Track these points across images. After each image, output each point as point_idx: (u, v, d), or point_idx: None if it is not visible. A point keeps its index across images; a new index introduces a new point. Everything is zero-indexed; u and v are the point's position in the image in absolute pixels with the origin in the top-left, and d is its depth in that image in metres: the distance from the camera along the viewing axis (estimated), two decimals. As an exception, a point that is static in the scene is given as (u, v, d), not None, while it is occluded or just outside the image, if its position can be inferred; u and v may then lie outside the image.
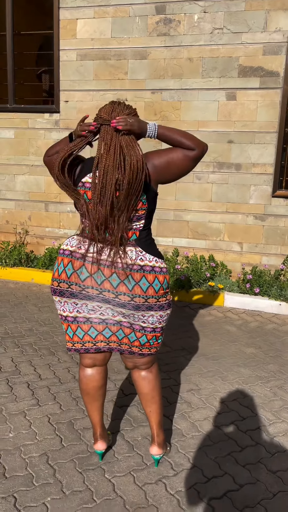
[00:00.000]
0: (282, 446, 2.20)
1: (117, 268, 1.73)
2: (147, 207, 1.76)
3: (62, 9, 4.73)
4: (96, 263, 1.74)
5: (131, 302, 1.74)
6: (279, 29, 4.23)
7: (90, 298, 1.78)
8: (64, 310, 1.84)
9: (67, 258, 1.79)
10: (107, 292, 1.74)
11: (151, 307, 1.76)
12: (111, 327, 1.83)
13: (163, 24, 4.49)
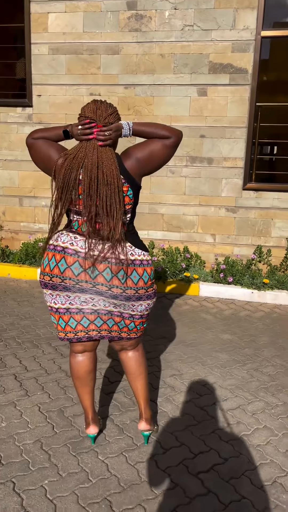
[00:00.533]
0: (261, 422, 2.36)
1: (110, 263, 1.82)
2: (133, 202, 1.87)
3: (32, 3, 4.70)
4: (90, 258, 1.81)
5: (123, 294, 1.85)
6: (247, 27, 4.39)
7: (83, 291, 1.86)
8: (55, 302, 1.91)
9: (59, 254, 1.84)
10: (100, 285, 1.84)
11: (140, 297, 1.90)
12: (102, 317, 1.91)
13: (135, 20, 4.56)
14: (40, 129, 1.89)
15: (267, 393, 2.66)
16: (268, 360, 3.12)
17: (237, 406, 2.50)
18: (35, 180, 5.13)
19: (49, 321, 3.65)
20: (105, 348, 3.18)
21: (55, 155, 1.84)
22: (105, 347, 3.20)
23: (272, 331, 3.65)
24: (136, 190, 1.86)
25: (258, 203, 4.74)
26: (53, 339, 3.30)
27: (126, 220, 1.88)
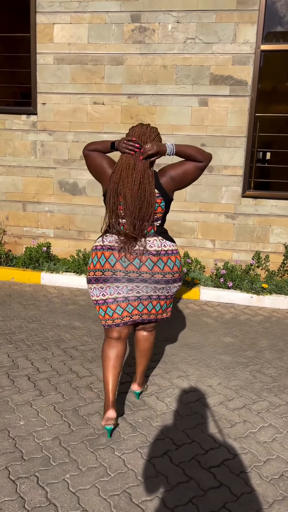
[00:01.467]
0: (266, 420, 2.49)
1: (150, 254, 2.21)
2: (164, 211, 2.27)
3: (38, 14, 4.83)
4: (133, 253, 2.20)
5: (152, 278, 2.22)
6: (247, 41, 4.55)
7: (131, 281, 2.21)
8: (104, 294, 2.25)
9: (108, 251, 2.22)
10: (145, 273, 2.21)
11: (168, 281, 2.27)
12: (144, 302, 2.28)
13: (138, 32, 4.70)
14: (92, 142, 2.27)
15: (270, 393, 2.79)
16: (270, 362, 3.25)
17: (242, 406, 2.62)
18: (39, 185, 5.24)
19: (55, 324, 3.75)
20: (113, 351, 3.29)
21: (107, 166, 2.24)
22: (113, 350, 3.30)
23: (272, 334, 3.79)
24: (168, 202, 2.24)
25: (257, 210, 4.89)
26: (61, 342, 3.40)
27: (158, 223, 2.27)
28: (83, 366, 3.02)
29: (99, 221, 5.20)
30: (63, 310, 4.12)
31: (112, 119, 4.93)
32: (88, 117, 4.98)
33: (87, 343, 3.40)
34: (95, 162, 2.25)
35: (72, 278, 4.83)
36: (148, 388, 2.78)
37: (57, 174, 5.18)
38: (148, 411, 2.51)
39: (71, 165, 5.12)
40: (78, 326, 3.75)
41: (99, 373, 2.93)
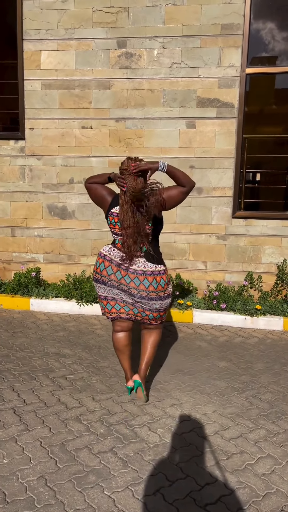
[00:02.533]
0: (264, 450, 2.37)
1: (137, 273, 2.60)
2: (153, 228, 2.61)
3: (25, 41, 4.87)
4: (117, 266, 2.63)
5: (138, 294, 2.62)
6: (232, 65, 4.61)
7: (114, 287, 2.69)
8: (102, 292, 2.76)
9: (107, 262, 2.68)
10: (123, 285, 2.64)
11: (152, 298, 2.63)
12: (129, 305, 2.73)
13: (125, 58, 4.75)
14: (92, 176, 2.76)
15: (268, 420, 2.68)
16: (266, 386, 3.14)
17: (239, 435, 2.50)
18: (27, 210, 5.18)
19: (44, 352, 3.62)
20: (103, 379, 3.17)
21: (106, 194, 2.72)
22: (104, 378, 3.18)
23: (267, 357, 3.69)
24: (155, 221, 2.60)
25: (248, 231, 4.86)
26: (50, 371, 3.27)
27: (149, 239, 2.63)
28: (72, 397, 2.89)
29: (89, 245, 5.13)
30: (52, 337, 4.00)
31: (101, 143, 4.93)
32: (76, 141, 4.97)
33: (76, 372, 3.28)
34: (96, 192, 2.73)
35: (62, 303, 4.72)
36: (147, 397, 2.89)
37: (46, 199, 5.13)
38: (140, 444, 2.38)
39: (60, 189, 5.09)
40: (68, 353, 3.62)
41: (89, 403, 2.81)
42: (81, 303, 4.70)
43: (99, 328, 4.29)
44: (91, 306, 4.68)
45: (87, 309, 4.68)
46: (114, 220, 2.64)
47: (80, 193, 5.05)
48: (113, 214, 2.65)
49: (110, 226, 2.69)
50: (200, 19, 4.57)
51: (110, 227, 2.69)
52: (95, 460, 2.23)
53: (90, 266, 5.18)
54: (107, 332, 4.18)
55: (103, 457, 2.26)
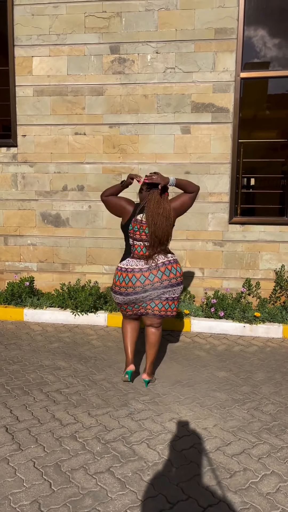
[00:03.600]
0: (268, 467, 2.27)
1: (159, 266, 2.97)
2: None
3: (17, 47, 4.80)
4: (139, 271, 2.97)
5: (161, 284, 2.97)
6: (227, 69, 4.56)
7: (137, 293, 2.98)
8: (120, 300, 3.05)
9: (130, 273, 2.97)
10: (156, 283, 2.96)
11: (178, 283, 3.03)
12: (146, 302, 3.02)
13: (118, 63, 4.69)
14: (107, 189, 2.99)
15: (271, 434, 2.58)
16: (267, 398, 3.04)
17: (241, 451, 2.40)
18: (20, 218, 5.08)
19: (38, 365, 3.51)
20: (100, 392, 3.06)
21: (125, 204, 2.98)
22: (100, 392, 3.08)
23: (268, 366, 3.60)
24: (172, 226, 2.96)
25: (245, 236, 4.78)
26: (44, 385, 3.16)
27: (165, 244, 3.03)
28: (67, 412, 2.78)
29: (84, 253, 5.04)
30: (47, 348, 3.88)
31: (94, 149, 4.85)
32: (69, 147, 4.89)
33: (72, 385, 3.17)
34: (116, 204, 2.99)
35: (57, 313, 4.61)
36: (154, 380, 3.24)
37: (39, 206, 5.04)
38: (139, 462, 2.27)
39: (53, 196, 5.00)
40: (63, 366, 3.51)
41: (85, 419, 2.70)
42: (76, 313, 4.59)
43: (95, 338, 4.18)
44: (86, 315, 4.57)
45: (83, 318, 4.57)
46: (137, 227, 2.91)
47: (74, 200, 4.96)
48: (137, 221, 2.92)
49: (131, 232, 2.94)
50: (194, 23, 4.52)
51: (131, 233, 2.95)
52: (92, 481, 2.12)
53: (85, 275, 5.08)
54: (103, 342, 4.08)
55: (99, 478, 2.15)
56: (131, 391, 3.09)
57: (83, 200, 4.95)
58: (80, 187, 4.94)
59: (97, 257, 5.03)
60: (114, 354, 3.78)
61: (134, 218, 2.92)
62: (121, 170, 4.84)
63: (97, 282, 5.03)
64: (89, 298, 4.55)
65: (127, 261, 3.00)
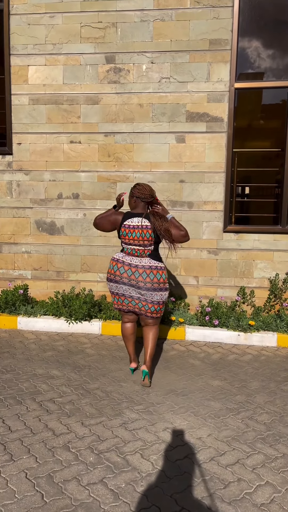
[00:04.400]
0: (262, 478, 2.25)
1: (143, 268, 3.24)
2: (154, 240, 3.27)
3: (13, 56, 4.83)
4: (128, 265, 3.28)
5: (145, 286, 3.23)
6: (221, 80, 4.61)
7: (125, 284, 3.31)
8: (114, 289, 3.38)
9: (120, 263, 3.31)
10: (133, 281, 3.26)
11: (154, 289, 3.25)
12: (135, 300, 3.34)
13: (113, 73, 4.73)
14: (99, 214, 3.39)
15: (265, 444, 2.57)
16: (262, 407, 3.03)
17: (235, 461, 2.39)
18: (15, 226, 5.07)
19: (32, 374, 3.48)
20: (93, 402, 3.04)
21: (114, 216, 3.34)
22: (93, 401, 3.05)
23: (262, 375, 3.59)
24: (156, 234, 3.25)
25: (239, 245, 4.80)
26: (37, 394, 3.13)
27: (152, 248, 3.30)
28: (60, 422, 2.75)
29: (79, 261, 5.03)
30: (41, 357, 3.86)
31: (90, 158, 4.87)
32: (65, 156, 4.90)
33: (65, 394, 3.14)
34: (105, 220, 3.36)
35: (51, 321, 4.58)
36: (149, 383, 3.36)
37: (34, 214, 5.04)
38: (132, 473, 2.25)
39: (48, 204, 5.00)
40: (56, 375, 3.49)
41: (78, 429, 2.67)
42: (70, 321, 4.57)
43: (89, 347, 4.16)
44: (80, 324, 4.55)
45: (77, 327, 4.55)
46: (126, 231, 3.24)
47: (69, 208, 4.96)
48: (125, 226, 3.24)
49: (122, 237, 3.28)
50: (189, 34, 4.57)
51: (122, 238, 3.28)
52: (84, 492, 2.09)
53: (80, 283, 5.06)
54: (97, 351, 4.06)
55: (92, 489, 2.12)
56: (125, 400, 3.07)
57: (78, 208, 4.95)
58: (75, 195, 4.94)
59: (92, 265, 5.02)
60: (108, 363, 3.76)
61: (123, 224, 3.26)
62: (116, 179, 4.86)
63: (91, 290, 5.02)
64: (84, 306, 4.53)
65: (120, 253, 3.37)
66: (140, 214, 3.27)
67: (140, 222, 3.22)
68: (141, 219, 3.23)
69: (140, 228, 3.22)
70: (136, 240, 3.24)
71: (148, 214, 3.27)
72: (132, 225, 3.23)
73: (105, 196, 4.89)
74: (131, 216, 3.28)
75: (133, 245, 3.27)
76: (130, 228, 3.24)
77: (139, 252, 3.27)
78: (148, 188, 3.30)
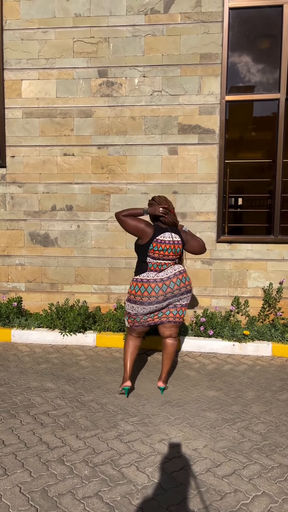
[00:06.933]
0: (259, 488, 2.24)
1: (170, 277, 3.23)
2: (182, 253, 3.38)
3: (6, 70, 4.88)
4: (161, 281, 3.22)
5: (179, 291, 3.26)
6: (212, 92, 4.68)
7: (158, 302, 3.23)
8: (131, 310, 3.28)
9: (146, 283, 3.21)
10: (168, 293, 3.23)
11: (188, 291, 3.31)
12: (162, 311, 3.30)
13: (106, 86, 4.79)
14: (125, 209, 3.22)
15: (261, 454, 2.55)
16: (258, 417, 3.02)
17: (232, 472, 2.37)
18: (9, 238, 5.07)
19: (26, 387, 3.45)
20: (88, 414, 3.01)
21: (146, 227, 3.18)
22: (88, 413, 3.02)
23: (258, 385, 3.58)
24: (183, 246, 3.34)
25: (233, 255, 4.83)
26: (31, 407, 3.10)
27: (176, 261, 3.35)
28: (54, 435, 2.72)
29: (73, 272, 5.03)
30: (35, 370, 3.82)
31: (83, 170, 4.90)
32: (58, 168, 4.93)
33: (60, 407, 3.11)
34: (135, 225, 3.18)
35: (45, 334, 4.56)
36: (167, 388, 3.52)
37: (28, 226, 5.04)
38: (127, 486, 2.23)
39: (42, 216, 5.01)
40: (51, 387, 3.46)
41: (72, 442, 2.65)
42: (64, 333, 4.54)
43: (84, 359, 4.14)
44: (75, 336, 4.53)
45: (71, 339, 4.53)
46: (158, 246, 3.18)
47: (63, 220, 4.97)
48: (158, 241, 3.18)
49: (151, 251, 3.19)
50: (180, 48, 4.66)
51: (151, 252, 3.19)
52: (79, 506, 2.07)
53: (74, 294, 5.05)
54: (92, 363, 4.03)
55: (87, 502, 2.09)
56: (120, 412, 3.04)
57: (72, 220, 4.97)
58: (69, 207, 4.96)
59: (86, 276, 5.02)
60: (103, 375, 3.74)
61: (155, 239, 3.17)
62: (110, 190, 4.89)
63: (85, 302, 5.01)
64: (78, 318, 4.52)
65: (145, 273, 3.25)
66: (167, 229, 3.23)
67: (171, 237, 3.20)
68: (171, 234, 3.21)
69: (172, 243, 3.19)
70: (167, 256, 3.21)
71: (175, 229, 3.27)
72: (166, 240, 3.19)
73: (99, 208, 4.92)
74: (162, 231, 3.22)
75: (163, 259, 3.22)
76: (164, 243, 3.18)
77: (165, 265, 3.24)
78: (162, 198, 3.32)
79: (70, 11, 4.75)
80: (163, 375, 3.40)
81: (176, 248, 3.23)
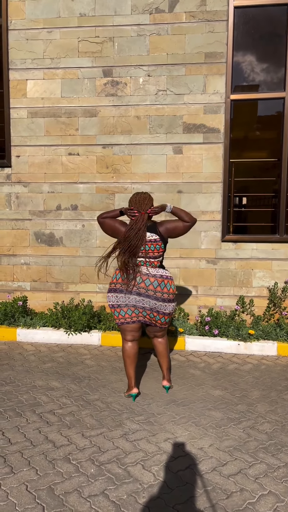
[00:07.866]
0: (265, 487, 2.23)
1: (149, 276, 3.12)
2: (163, 250, 3.20)
3: (11, 70, 4.90)
4: (145, 275, 3.13)
5: (154, 295, 3.12)
6: (217, 91, 4.68)
7: (139, 294, 3.13)
8: (113, 301, 3.19)
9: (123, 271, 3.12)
10: (142, 288, 3.12)
11: (164, 300, 3.15)
12: (139, 309, 3.17)
13: (111, 86, 4.79)
14: (104, 212, 3.24)
15: (267, 453, 2.55)
16: (263, 416, 3.02)
17: (238, 471, 2.37)
18: (14, 238, 5.09)
19: (31, 386, 3.46)
20: (94, 413, 3.02)
21: (119, 226, 3.16)
22: (94, 412, 3.03)
23: (263, 384, 3.58)
24: (164, 244, 3.18)
25: (238, 254, 4.82)
26: (37, 406, 3.11)
27: (160, 260, 3.21)
28: (60, 433, 2.73)
29: (78, 272, 5.04)
30: (40, 368, 3.84)
31: (88, 169, 4.91)
32: (63, 168, 4.94)
33: (65, 406, 3.12)
34: (110, 225, 3.19)
35: (50, 333, 4.57)
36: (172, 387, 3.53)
37: (33, 226, 5.05)
38: (134, 484, 2.23)
39: (47, 216, 5.02)
40: (56, 386, 3.47)
41: (78, 440, 2.65)
42: (69, 332, 4.55)
43: (89, 358, 4.14)
44: (80, 335, 4.54)
45: (76, 338, 4.54)
46: None
47: (68, 219, 4.98)
48: None
49: None
50: (184, 48, 4.65)
51: None
52: (86, 504, 2.07)
53: (79, 294, 5.06)
54: (97, 362, 4.04)
55: (94, 501, 2.10)
56: (125, 411, 3.05)
57: (77, 219, 4.98)
58: (73, 206, 4.97)
59: (91, 275, 5.02)
60: (108, 374, 3.75)
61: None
62: (115, 190, 4.90)
63: (90, 301, 5.01)
64: (83, 317, 4.53)
65: None
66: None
67: (148, 237, 3.10)
68: (147, 234, 3.10)
69: (149, 242, 3.09)
70: (144, 253, 3.10)
71: (152, 226, 3.15)
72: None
73: (104, 207, 4.92)
74: None
75: (140, 257, 3.12)
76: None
77: (147, 263, 3.13)
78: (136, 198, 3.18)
79: (75, 10, 4.76)
80: (165, 374, 3.39)
81: (155, 246, 3.11)
